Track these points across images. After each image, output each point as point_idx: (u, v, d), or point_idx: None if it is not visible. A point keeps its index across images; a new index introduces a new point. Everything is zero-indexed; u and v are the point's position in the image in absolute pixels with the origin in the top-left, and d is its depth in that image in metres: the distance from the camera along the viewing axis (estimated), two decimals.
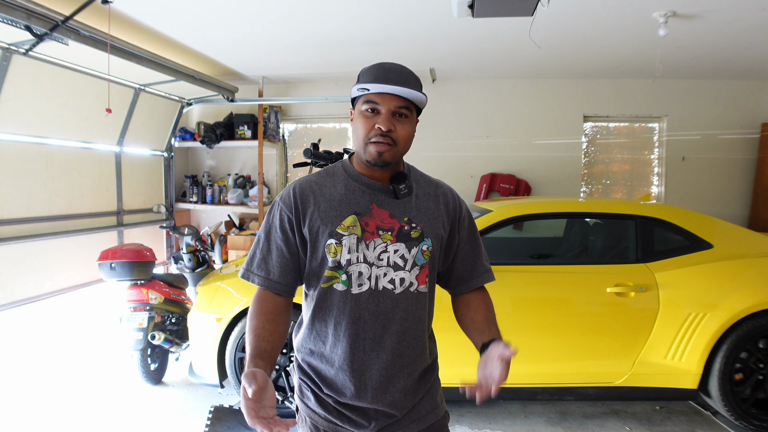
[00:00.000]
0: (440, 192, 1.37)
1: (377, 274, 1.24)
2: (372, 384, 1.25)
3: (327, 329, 1.27)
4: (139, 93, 4.54)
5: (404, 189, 1.28)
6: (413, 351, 1.29)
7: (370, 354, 1.24)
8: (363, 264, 1.23)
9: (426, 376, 1.34)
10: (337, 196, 1.27)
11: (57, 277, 3.80)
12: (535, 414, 3.16)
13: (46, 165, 3.72)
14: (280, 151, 6.01)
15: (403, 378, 1.27)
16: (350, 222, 1.24)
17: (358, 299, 1.23)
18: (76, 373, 3.78)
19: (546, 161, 5.60)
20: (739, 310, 2.80)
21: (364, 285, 1.23)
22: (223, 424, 2.94)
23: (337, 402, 1.28)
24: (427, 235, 1.28)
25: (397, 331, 1.25)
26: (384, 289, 1.24)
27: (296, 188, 1.30)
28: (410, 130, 1.25)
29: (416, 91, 1.20)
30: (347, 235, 1.23)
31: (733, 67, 4.84)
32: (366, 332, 1.24)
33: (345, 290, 1.24)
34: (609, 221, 3.34)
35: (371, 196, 1.27)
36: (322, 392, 1.30)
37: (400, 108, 1.20)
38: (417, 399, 1.31)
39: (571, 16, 3.43)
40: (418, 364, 1.30)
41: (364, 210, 1.25)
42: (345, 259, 1.23)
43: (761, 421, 2.88)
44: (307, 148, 2.34)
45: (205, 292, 3.20)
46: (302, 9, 3.34)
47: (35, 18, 2.75)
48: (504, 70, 5.19)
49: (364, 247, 1.23)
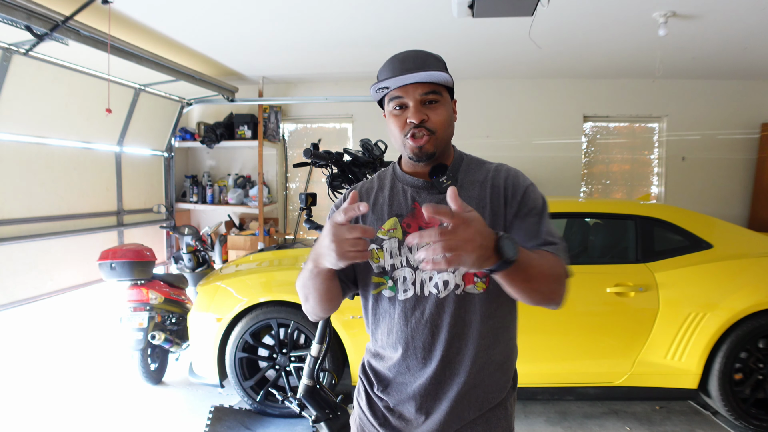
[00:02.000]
0: (490, 175, 1.20)
1: (422, 278, 1.16)
2: (420, 392, 1.18)
3: (383, 336, 1.23)
4: (139, 93, 4.53)
5: (447, 181, 1.17)
6: (464, 359, 1.16)
7: (421, 362, 1.17)
8: (407, 268, 1.17)
9: (482, 389, 1.18)
10: (381, 200, 1.22)
11: (57, 277, 3.80)
12: (535, 414, 3.16)
13: (47, 165, 3.72)
14: (280, 151, 6.01)
15: (451, 388, 1.16)
16: (390, 225, 1.19)
17: (405, 305, 1.17)
18: (76, 373, 3.78)
19: (546, 161, 5.60)
20: (739, 310, 2.80)
21: (409, 291, 1.17)
22: (224, 424, 2.94)
23: (387, 406, 1.24)
24: None
25: (446, 339, 1.15)
26: (429, 294, 1.15)
27: (351, 191, 1.24)
28: (446, 114, 1.15)
29: (439, 71, 1.11)
30: (388, 239, 1.18)
31: (733, 67, 4.84)
32: (416, 340, 1.17)
33: (393, 296, 1.19)
34: (609, 221, 3.34)
35: (414, 195, 1.20)
36: (374, 392, 1.26)
37: (427, 95, 1.12)
38: (470, 416, 1.18)
39: (571, 16, 3.43)
40: (470, 373, 1.16)
41: (407, 211, 1.19)
42: (389, 264, 1.18)
43: (761, 420, 2.88)
44: (307, 148, 2.34)
45: (205, 292, 3.20)
46: (302, 9, 3.34)
47: (35, 18, 2.75)
48: (504, 70, 5.18)
49: (406, 250, 1.16)
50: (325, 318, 1.38)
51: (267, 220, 5.73)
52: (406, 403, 1.20)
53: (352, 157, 2.56)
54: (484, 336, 1.17)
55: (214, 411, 3.00)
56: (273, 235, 5.61)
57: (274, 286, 3.11)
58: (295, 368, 3.06)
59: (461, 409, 1.17)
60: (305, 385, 2.56)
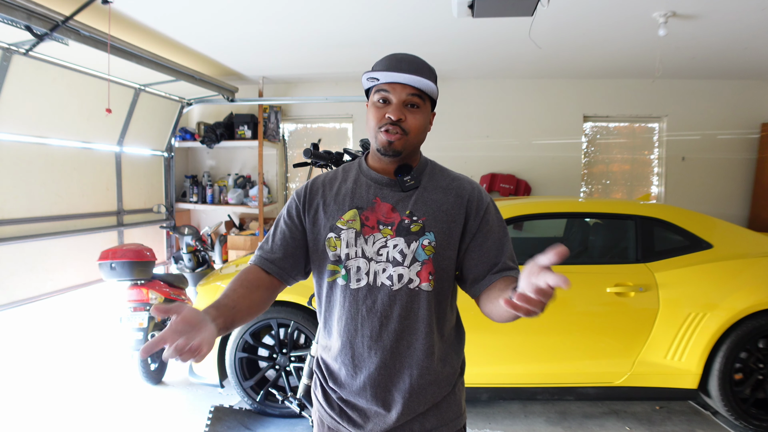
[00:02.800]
0: (455, 185, 1.27)
1: (375, 270, 1.20)
2: (370, 383, 1.21)
3: (332, 324, 1.27)
4: (139, 93, 4.53)
5: (410, 180, 1.23)
6: (415, 352, 1.21)
7: (369, 351, 1.21)
8: (361, 259, 1.21)
9: (435, 385, 1.24)
10: (344, 191, 1.27)
11: (57, 277, 3.80)
12: (535, 414, 3.16)
13: (47, 165, 3.72)
14: (280, 151, 6.01)
15: (402, 380, 1.21)
16: (350, 216, 1.23)
17: (357, 294, 1.21)
18: (76, 373, 3.78)
19: (546, 161, 5.60)
20: (739, 310, 2.80)
21: (362, 280, 1.21)
22: (224, 424, 2.94)
23: (340, 398, 1.28)
24: (429, 229, 1.20)
25: (395, 330, 1.20)
26: (382, 285, 1.20)
27: (311, 182, 1.33)
28: (422, 120, 1.21)
29: (428, 80, 1.17)
30: (345, 229, 1.22)
31: (733, 67, 4.84)
32: (364, 328, 1.21)
33: (345, 285, 1.22)
34: (609, 221, 3.34)
35: (376, 190, 1.25)
36: (328, 386, 1.30)
37: (411, 96, 1.18)
38: (422, 408, 1.23)
39: (571, 17, 3.43)
40: (422, 367, 1.21)
41: (367, 204, 1.24)
42: (344, 254, 1.22)
43: (761, 421, 2.88)
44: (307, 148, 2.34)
45: (205, 292, 3.20)
46: (302, 9, 3.34)
47: (35, 18, 2.75)
48: (504, 70, 5.18)
49: (362, 241, 1.21)
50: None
51: (267, 220, 5.73)
52: (358, 395, 1.24)
53: (352, 157, 2.56)
54: (432, 330, 1.21)
55: (214, 411, 3.00)
56: None
57: None
58: (295, 368, 3.06)
59: (415, 402, 1.22)
60: (305, 385, 2.56)
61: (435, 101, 1.25)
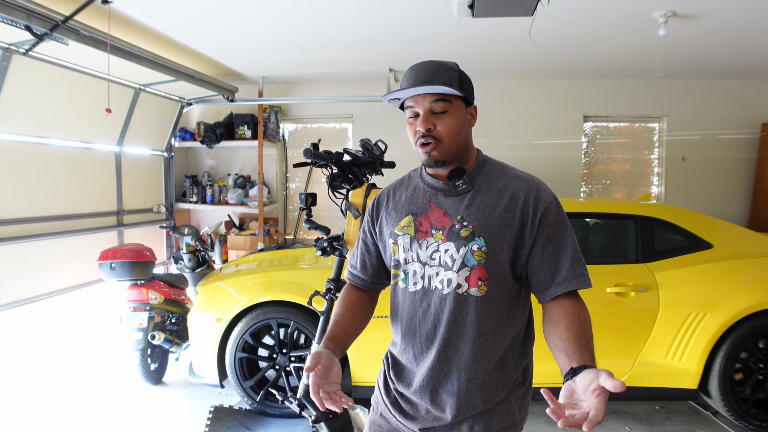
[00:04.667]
0: (512, 186, 1.23)
1: (430, 274, 1.24)
2: (424, 382, 1.26)
3: (398, 323, 1.34)
4: (139, 93, 4.53)
5: (462, 185, 1.23)
6: (462, 356, 1.21)
7: (424, 351, 1.26)
8: (417, 263, 1.26)
9: (485, 390, 1.23)
10: (404, 198, 1.33)
11: (57, 277, 3.80)
12: (535, 414, 3.16)
13: (47, 165, 3.71)
14: (280, 151, 6.01)
15: (450, 382, 1.23)
16: (406, 222, 1.28)
17: (414, 297, 1.27)
18: (76, 373, 3.78)
19: (546, 161, 5.60)
20: (739, 310, 2.80)
21: (418, 283, 1.26)
22: (223, 424, 2.94)
23: (397, 390, 1.33)
24: (479, 234, 1.18)
25: (444, 333, 1.22)
26: (435, 289, 1.23)
27: (378, 194, 1.42)
28: (453, 122, 1.20)
29: (446, 83, 1.16)
30: (402, 235, 1.28)
31: (733, 67, 4.83)
32: (421, 330, 1.26)
33: (404, 287, 1.29)
34: (609, 221, 3.34)
35: (431, 196, 1.28)
36: (390, 376, 1.36)
37: (435, 103, 1.18)
38: (472, 412, 1.23)
39: (571, 16, 3.43)
40: (470, 371, 1.21)
41: (421, 210, 1.27)
42: (402, 258, 1.28)
43: (761, 421, 2.88)
44: (307, 148, 2.33)
45: (205, 292, 3.20)
46: (302, 9, 3.34)
47: (35, 18, 2.75)
48: (504, 70, 5.18)
49: (417, 246, 1.25)
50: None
51: (267, 220, 5.73)
52: (413, 392, 1.29)
53: (352, 157, 2.56)
54: (482, 335, 1.21)
55: (214, 411, 3.00)
56: (273, 235, 5.61)
57: (274, 286, 3.11)
58: (295, 368, 3.06)
59: (464, 405, 1.23)
60: (305, 385, 2.56)
61: (468, 96, 1.23)
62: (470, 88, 1.25)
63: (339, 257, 2.52)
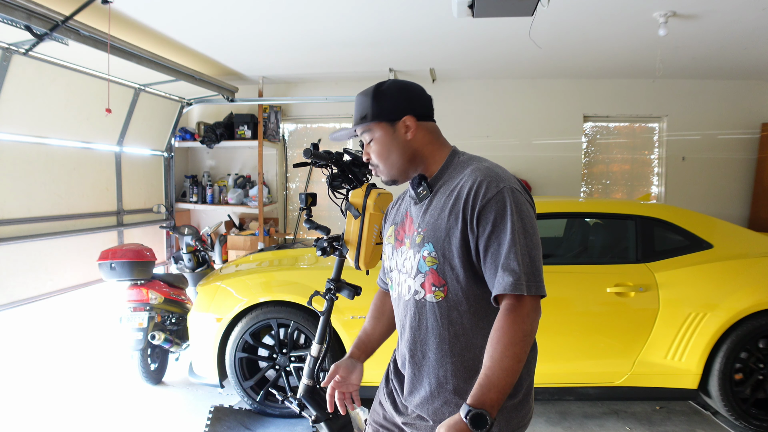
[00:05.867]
0: (462, 182, 1.16)
1: (400, 281, 1.29)
2: (408, 385, 1.30)
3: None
4: (139, 93, 4.53)
5: (422, 192, 1.25)
6: (429, 362, 1.22)
7: (403, 353, 1.31)
8: (396, 271, 1.32)
9: (462, 397, 1.16)
10: (395, 209, 1.40)
11: (57, 277, 3.80)
12: (535, 414, 3.16)
13: (47, 165, 3.71)
14: (280, 151, 6.01)
15: (423, 388, 1.24)
16: (390, 232, 1.36)
17: (396, 303, 1.34)
18: (76, 373, 3.78)
19: (546, 161, 5.60)
20: (739, 310, 2.80)
21: (395, 290, 1.33)
22: (223, 424, 2.94)
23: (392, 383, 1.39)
24: (428, 240, 1.18)
25: (409, 339, 1.26)
26: (403, 295, 1.28)
27: (389, 206, 1.47)
28: (379, 148, 1.27)
29: (361, 115, 1.25)
30: (387, 245, 1.37)
31: (733, 67, 4.83)
32: (403, 334, 1.31)
33: (392, 294, 1.37)
34: (609, 221, 3.34)
35: (408, 205, 1.33)
36: (390, 369, 1.42)
37: (362, 136, 1.29)
38: (447, 414, 1.18)
39: (571, 16, 3.43)
40: (440, 377, 1.20)
41: (400, 219, 1.34)
42: (388, 266, 1.37)
43: (761, 421, 2.88)
44: (307, 148, 2.33)
45: (205, 292, 3.20)
46: (302, 9, 3.34)
47: (35, 18, 2.75)
48: (504, 70, 5.18)
49: (396, 254, 1.31)
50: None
51: (267, 220, 5.73)
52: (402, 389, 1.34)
53: (352, 157, 2.56)
54: (444, 341, 1.19)
55: (214, 411, 3.00)
56: (273, 235, 5.61)
57: (274, 286, 3.11)
58: (295, 368, 3.06)
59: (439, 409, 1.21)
60: (305, 385, 2.56)
61: (384, 116, 1.22)
62: (390, 103, 1.22)
63: (339, 257, 2.51)
